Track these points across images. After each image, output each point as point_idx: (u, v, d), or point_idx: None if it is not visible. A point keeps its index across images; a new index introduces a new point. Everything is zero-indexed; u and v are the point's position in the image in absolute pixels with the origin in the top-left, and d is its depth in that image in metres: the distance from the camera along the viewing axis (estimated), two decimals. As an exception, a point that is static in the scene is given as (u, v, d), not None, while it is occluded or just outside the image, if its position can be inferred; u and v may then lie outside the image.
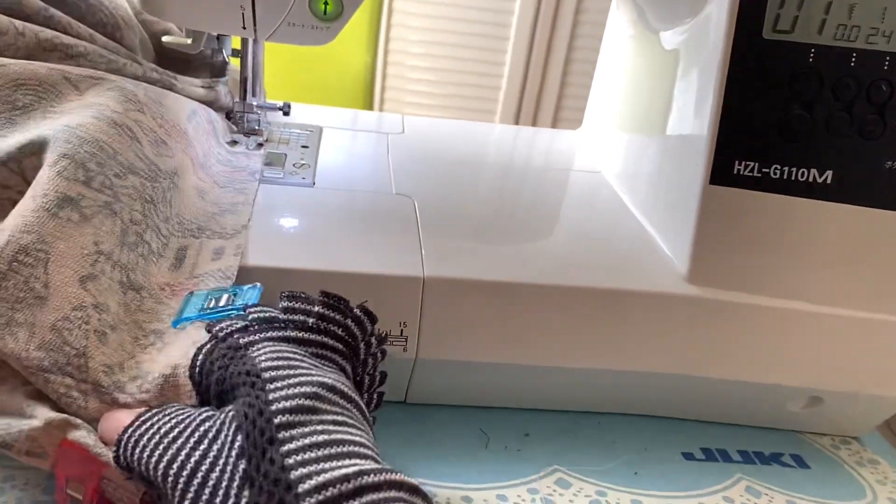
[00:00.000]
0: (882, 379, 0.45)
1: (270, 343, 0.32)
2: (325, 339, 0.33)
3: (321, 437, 0.26)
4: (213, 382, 0.31)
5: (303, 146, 0.56)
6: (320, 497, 0.24)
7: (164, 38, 0.50)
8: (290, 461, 0.25)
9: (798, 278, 0.43)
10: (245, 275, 0.39)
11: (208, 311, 0.36)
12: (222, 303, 0.36)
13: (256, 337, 0.32)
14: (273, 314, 0.34)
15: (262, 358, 0.30)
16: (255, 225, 0.43)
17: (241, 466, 0.26)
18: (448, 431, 0.44)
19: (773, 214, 0.42)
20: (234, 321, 0.34)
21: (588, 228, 0.50)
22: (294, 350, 0.32)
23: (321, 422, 0.27)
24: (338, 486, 0.24)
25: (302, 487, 0.24)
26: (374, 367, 0.37)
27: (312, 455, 0.25)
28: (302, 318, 0.34)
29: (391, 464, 0.40)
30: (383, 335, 0.38)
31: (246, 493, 0.25)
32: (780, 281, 0.43)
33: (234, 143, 0.53)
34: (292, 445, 0.26)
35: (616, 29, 0.62)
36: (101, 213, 0.36)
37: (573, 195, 0.56)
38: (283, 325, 0.33)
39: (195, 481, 0.27)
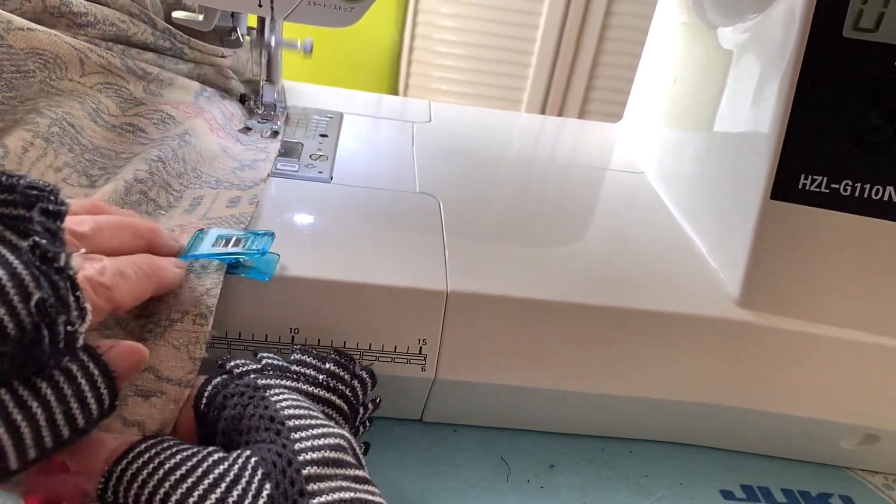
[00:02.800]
0: (947, 418, 0.41)
1: (287, 391, 0.31)
2: (332, 397, 0.33)
3: (348, 495, 0.26)
4: (226, 418, 0.30)
5: (321, 135, 0.52)
6: None
7: (175, 14, 0.46)
8: None
9: (862, 307, 0.39)
10: (250, 282, 0.35)
11: (219, 253, 0.35)
12: (232, 245, 0.35)
13: (273, 382, 0.31)
14: (284, 364, 0.33)
15: (284, 405, 0.29)
16: (266, 226, 0.40)
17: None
18: (465, 457, 0.41)
19: (841, 236, 0.38)
20: (248, 361, 0.33)
21: (629, 239, 0.46)
22: (308, 402, 0.31)
23: (345, 477, 0.27)
24: None
25: None
26: (362, 435, 0.36)
27: None
28: (313, 373, 0.33)
29: (401, 490, 0.38)
30: (378, 400, 0.36)
31: None
32: (841, 309, 0.39)
33: (247, 129, 0.49)
34: (322, 499, 0.25)
35: (667, 13, 0.57)
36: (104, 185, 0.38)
37: (613, 199, 0.52)
38: (295, 376, 0.33)
39: None
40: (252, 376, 0.32)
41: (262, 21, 0.48)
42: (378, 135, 0.56)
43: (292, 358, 0.34)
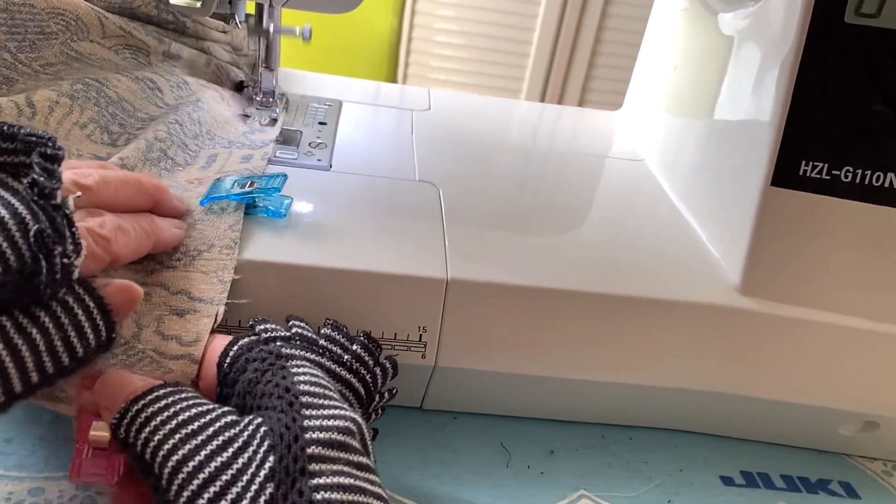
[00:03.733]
0: (946, 404, 0.41)
1: (309, 364, 0.31)
2: (352, 379, 0.32)
3: (347, 480, 0.26)
4: (244, 381, 0.30)
5: (320, 122, 0.51)
6: None
7: (173, 0, 0.46)
8: (318, 497, 0.25)
9: (864, 294, 0.39)
10: (251, 269, 0.35)
11: (237, 193, 0.38)
12: (248, 187, 0.38)
13: (297, 352, 0.31)
14: (313, 336, 0.33)
15: (302, 378, 0.29)
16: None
17: (269, 490, 0.25)
18: (465, 443, 0.41)
19: (842, 222, 0.38)
20: (277, 327, 0.33)
21: (629, 227, 0.46)
22: (328, 380, 0.31)
23: (348, 462, 0.26)
24: None
25: None
26: (372, 422, 0.35)
27: (338, 497, 0.25)
28: (339, 351, 0.33)
29: (400, 477, 0.38)
30: (394, 391, 0.36)
31: None
32: (842, 296, 0.39)
33: (245, 117, 0.49)
34: (321, 481, 0.25)
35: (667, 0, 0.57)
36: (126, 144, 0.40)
37: (613, 186, 0.51)
38: (321, 350, 0.33)
39: (211, 489, 0.25)
40: (278, 343, 0.32)
41: (260, 7, 0.47)
42: (377, 123, 0.55)
43: (322, 332, 0.34)
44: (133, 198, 0.34)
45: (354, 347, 0.33)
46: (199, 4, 0.45)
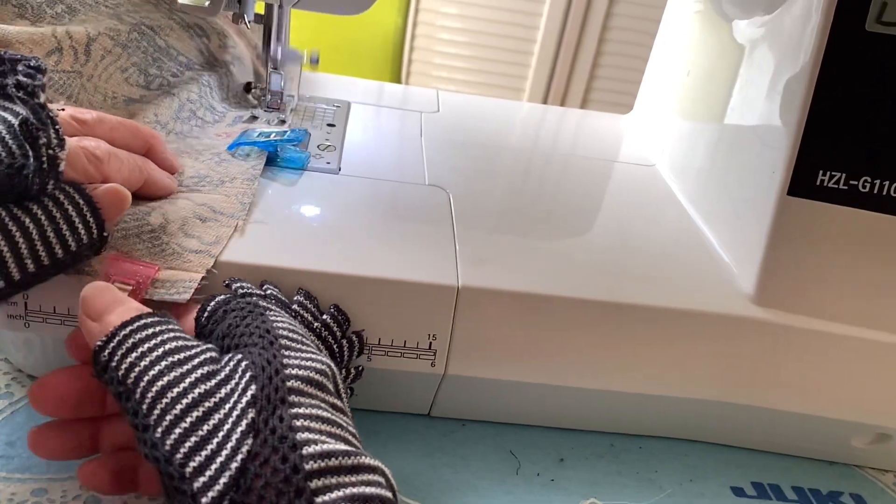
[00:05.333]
0: (959, 417, 0.41)
1: (286, 314, 0.32)
2: (320, 346, 0.32)
3: (325, 413, 0.26)
4: (222, 328, 0.30)
5: (328, 125, 0.51)
6: (322, 464, 0.24)
7: (181, -1, 0.45)
8: (298, 423, 0.25)
9: (878, 305, 0.38)
10: (260, 274, 0.35)
11: (260, 141, 0.42)
12: (272, 137, 0.43)
13: (274, 308, 0.32)
14: (286, 300, 0.34)
15: (280, 325, 0.30)
16: (270, 218, 0.39)
17: (251, 415, 0.25)
18: (474, 450, 0.40)
19: (858, 233, 0.37)
20: (253, 287, 0.34)
21: (641, 234, 0.45)
22: (304, 331, 0.31)
23: (324, 401, 0.27)
24: (340, 458, 0.24)
25: (307, 450, 0.24)
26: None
27: (316, 426, 0.26)
28: (310, 318, 0.34)
29: (409, 482, 0.37)
30: (360, 369, 0.37)
31: (249, 441, 0.25)
32: (856, 307, 0.39)
33: (253, 118, 0.48)
34: (301, 410, 0.26)
35: (681, 2, 0.56)
36: (159, 97, 0.44)
37: (625, 191, 0.51)
38: (292, 314, 0.33)
39: (194, 414, 0.26)
40: (255, 297, 0.32)
41: (269, 7, 0.47)
42: (386, 124, 0.55)
43: (295, 298, 0.34)
44: (127, 139, 0.37)
45: (324, 317, 0.34)
46: (206, 3, 0.45)
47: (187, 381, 0.26)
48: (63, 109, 0.33)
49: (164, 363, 0.27)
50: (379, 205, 0.43)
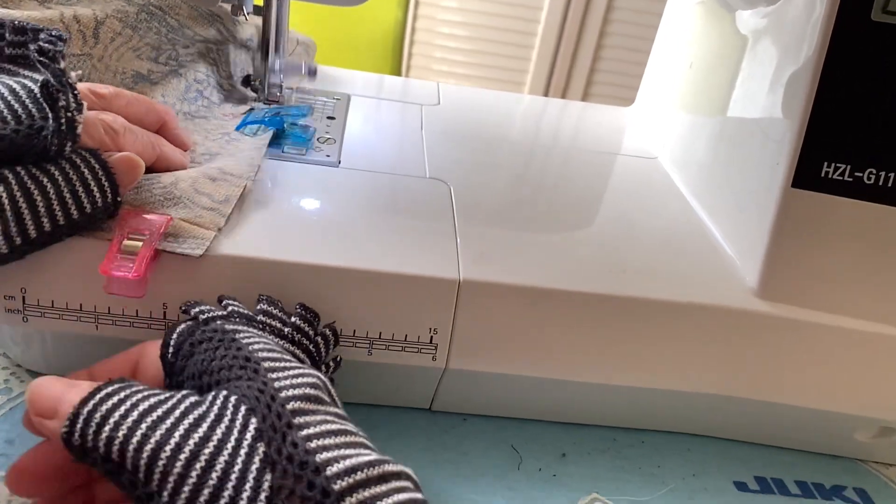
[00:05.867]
0: (964, 411, 0.40)
1: (257, 334, 0.30)
2: (296, 351, 0.32)
3: (334, 426, 0.26)
4: (195, 366, 0.29)
5: (328, 117, 0.50)
6: (350, 480, 0.23)
7: (179, -10, 0.45)
8: (312, 445, 0.24)
9: (883, 299, 0.38)
10: (258, 267, 0.35)
11: (267, 118, 0.44)
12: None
13: (241, 327, 0.31)
14: (250, 314, 0.33)
15: (256, 347, 0.29)
16: (270, 211, 0.39)
17: (261, 449, 0.24)
18: (476, 445, 0.40)
19: (863, 225, 0.37)
20: (213, 308, 0.32)
21: (644, 227, 0.45)
22: (278, 347, 0.30)
23: (327, 412, 0.26)
24: (365, 470, 0.24)
25: (330, 470, 0.23)
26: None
27: (331, 441, 0.25)
28: (279, 325, 0.33)
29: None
30: (338, 359, 0.36)
31: (268, 476, 0.24)
32: (862, 300, 0.38)
33: (251, 111, 0.48)
34: (311, 430, 0.25)
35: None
36: (167, 77, 0.45)
37: (627, 184, 0.51)
38: (260, 326, 0.32)
39: (197, 465, 0.24)
40: (219, 322, 0.31)
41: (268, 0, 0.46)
42: (386, 117, 0.54)
43: (258, 308, 0.33)
44: (142, 114, 0.38)
45: (293, 320, 0.33)
46: (206, -5, 0.44)
47: (177, 434, 0.24)
48: (80, 72, 0.35)
49: (144, 425, 0.25)
50: (379, 198, 0.42)
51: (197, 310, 0.32)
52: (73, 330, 0.36)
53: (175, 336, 0.30)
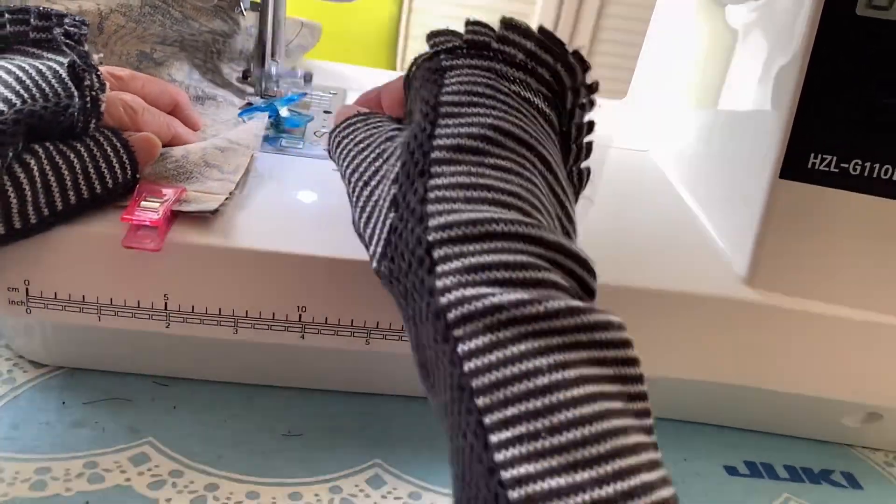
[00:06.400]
0: (949, 396, 0.41)
1: (470, 71, 0.30)
2: (530, 80, 0.30)
3: (469, 179, 0.26)
4: (410, 97, 0.33)
5: (325, 111, 0.51)
6: (444, 235, 0.24)
7: (177, -13, 0.45)
8: (431, 195, 0.25)
9: (869, 287, 0.39)
10: (258, 259, 0.35)
11: (265, 106, 0.46)
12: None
13: (460, 62, 0.30)
14: (486, 39, 0.31)
15: (452, 89, 0.29)
16: (269, 203, 0.39)
17: (393, 191, 0.27)
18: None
19: (849, 215, 0.38)
20: (449, 38, 0.32)
21: (634, 217, 0.46)
22: (492, 83, 0.29)
23: (479, 164, 0.26)
24: (464, 227, 0.24)
25: (432, 222, 0.25)
26: (581, 117, 0.32)
27: (453, 194, 0.25)
28: (512, 50, 0.31)
29: (411, 466, 0.38)
30: (595, 83, 0.32)
31: (391, 215, 0.27)
32: (848, 289, 0.39)
33: (249, 105, 0.48)
34: (438, 181, 0.26)
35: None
36: (170, 58, 0.47)
37: (618, 177, 0.51)
38: (492, 54, 0.31)
39: (365, 192, 0.30)
40: (441, 57, 0.31)
41: (265, -5, 0.47)
42: (382, 111, 0.55)
43: (497, 32, 0.31)
44: (157, 94, 0.40)
45: (529, 45, 0.30)
46: (204, -9, 0.45)
47: (364, 164, 0.31)
48: (101, 55, 0.38)
49: (352, 153, 0.32)
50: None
51: (433, 41, 0.32)
52: (75, 321, 0.36)
53: (413, 68, 0.32)
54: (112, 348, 0.40)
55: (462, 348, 0.22)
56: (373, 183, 0.29)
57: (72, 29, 0.36)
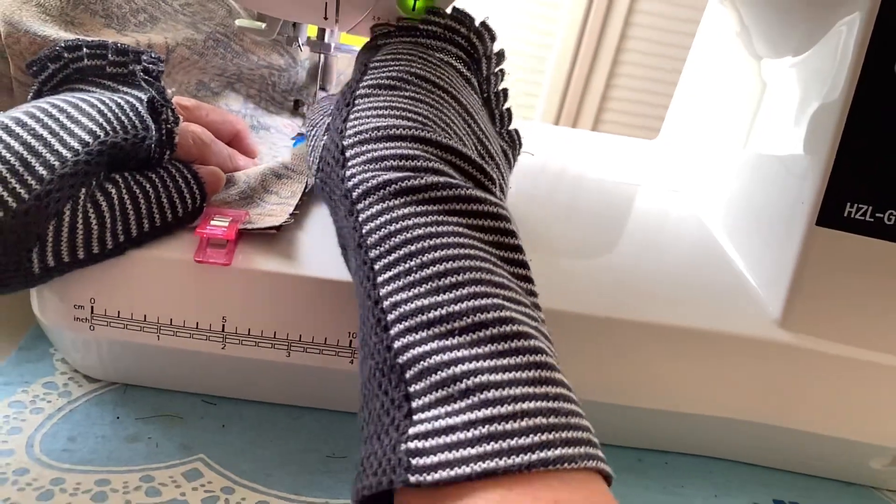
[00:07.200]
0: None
1: (399, 41, 0.37)
2: (450, 47, 0.38)
3: (383, 103, 0.32)
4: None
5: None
6: (355, 139, 0.30)
7: (238, 21, 0.47)
8: (352, 116, 0.31)
9: (900, 332, 0.40)
10: (313, 285, 0.37)
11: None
12: None
13: (392, 39, 0.38)
14: (414, 23, 0.38)
15: (380, 54, 0.36)
16: (327, 231, 0.41)
17: (327, 121, 0.35)
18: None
19: (883, 264, 0.39)
20: (388, 26, 0.40)
21: (667, 256, 0.47)
22: (416, 49, 0.36)
23: (394, 95, 0.32)
24: (370, 132, 0.30)
25: (347, 132, 0.31)
26: (496, 85, 0.41)
27: (368, 113, 0.31)
28: (434, 28, 0.38)
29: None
30: (501, 51, 0.40)
31: (325, 137, 0.34)
32: (880, 333, 0.40)
33: (301, 136, 0.50)
34: (358, 106, 0.32)
35: (712, 31, 0.59)
36: (225, 89, 0.49)
37: (649, 215, 0.53)
38: (418, 32, 0.38)
39: (315, 135, 0.36)
40: (376, 38, 0.39)
41: (321, 31, 0.49)
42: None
43: (420, 17, 0.38)
44: (220, 123, 0.43)
45: (446, 22, 0.38)
46: (263, 26, 0.47)
47: (319, 118, 0.37)
48: (174, 91, 0.40)
49: (314, 117, 0.39)
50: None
51: (374, 25, 0.40)
52: (135, 340, 0.38)
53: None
54: (164, 366, 0.41)
55: (361, 216, 0.28)
56: (320, 130, 0.35)
57: (150, 66, 0.39)
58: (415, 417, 0.23)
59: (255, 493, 0.36)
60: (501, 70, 0.41)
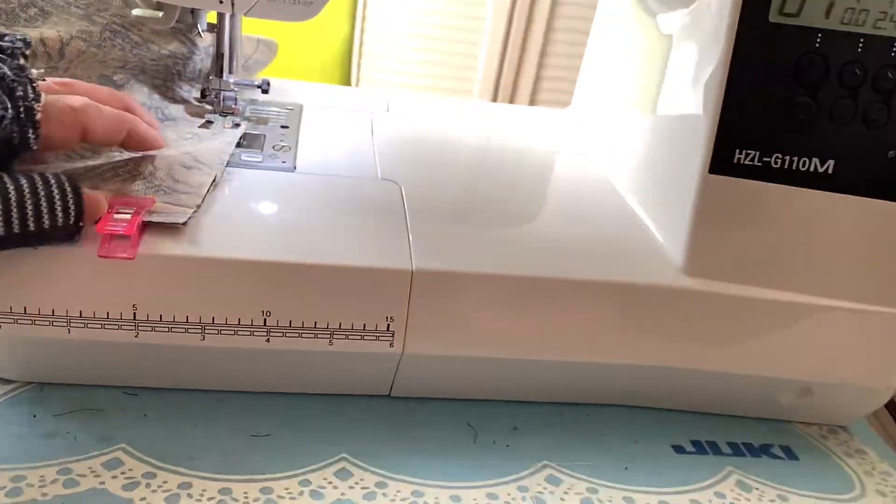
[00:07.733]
0: (873, 370, 0.45)
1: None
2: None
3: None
4: None
5: (282, 126, 0.53)
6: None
7: (135, 11, 0.47)
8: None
9: (797, 270, 0.42)
10: (217, 266, 0.37)
11: None
12: None
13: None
14: None
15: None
16: (232, 214, 0.41)
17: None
18: (434, 426, 0.43)
19: (773, 205, 0.41)
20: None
21: (579, 216, 0.49)
22: None
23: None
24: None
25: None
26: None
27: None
28: None
29: (376, 458, 0.40)
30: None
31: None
32: (778, 273, 0.42)
33: (208, 123, 0.50)
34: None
35: (610, 2, 0.60)
36: (129, 83, 0.48)
37: (564, 179, 0.54)
38: None
39: None
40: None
41: (221, 16, 0.49)
42: (338, 125, 0.57)
43: None
44: (106, 97, 0.40)
45: None
46: (160, 15, 0.47)
47: None
48: (44, 80, 0.38)
49: None
50: (334, 199, 0.45)
51: None
52: (46, 335, 0.37)
53: None
54: (80, 361, 0.41)
55: None
56: None
57: (6, 44, 0.36)
58: None
59: (177, 475, 0.36)
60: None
